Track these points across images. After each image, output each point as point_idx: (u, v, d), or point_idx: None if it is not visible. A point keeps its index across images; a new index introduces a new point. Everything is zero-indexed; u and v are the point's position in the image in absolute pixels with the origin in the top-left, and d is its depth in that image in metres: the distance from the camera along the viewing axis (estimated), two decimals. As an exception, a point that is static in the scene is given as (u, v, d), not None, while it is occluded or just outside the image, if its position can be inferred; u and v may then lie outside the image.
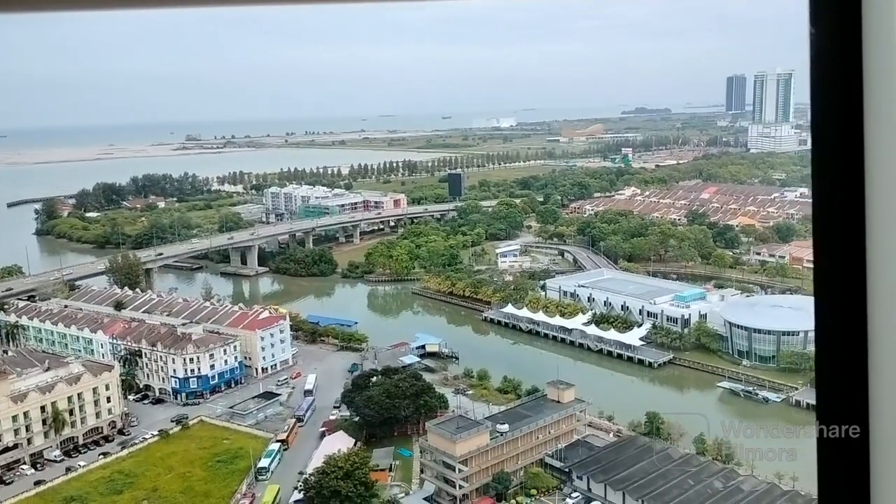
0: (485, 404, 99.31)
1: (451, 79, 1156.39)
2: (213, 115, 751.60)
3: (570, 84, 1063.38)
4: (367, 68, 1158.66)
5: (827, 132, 3.13)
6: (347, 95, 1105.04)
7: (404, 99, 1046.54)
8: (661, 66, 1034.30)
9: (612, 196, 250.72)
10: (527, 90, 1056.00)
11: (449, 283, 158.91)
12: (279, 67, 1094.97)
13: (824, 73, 3.09)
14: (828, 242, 3.21)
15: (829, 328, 3.30)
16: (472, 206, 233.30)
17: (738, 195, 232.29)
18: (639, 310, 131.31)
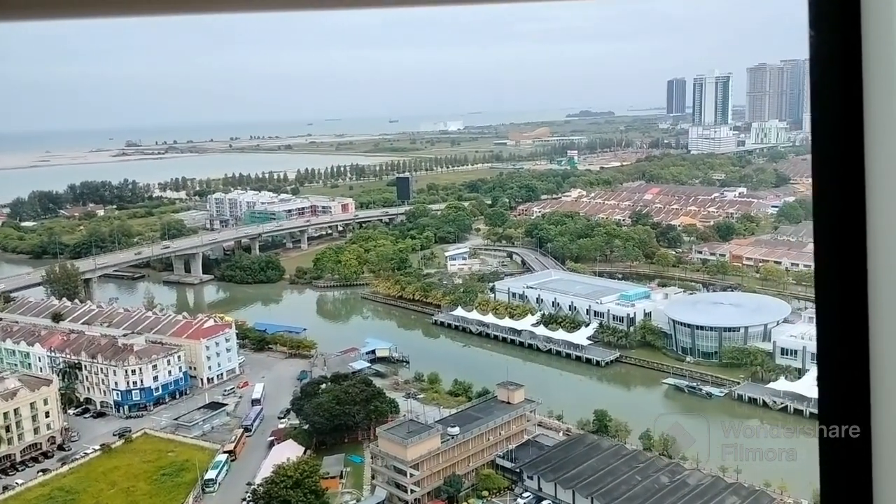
0: (436, 408, 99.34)
1: (399, 82, 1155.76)
2: (155, 121, 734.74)
3: (517, 87, 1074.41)
4: (313, 72, 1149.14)
5: (827, 134, 3.15)
6: (293, 99, 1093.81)
7: (351, 103, 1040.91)
8: (604, 70, 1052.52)
9: (559, 198, 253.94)
10: (474, 93, 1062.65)
11: (398, 287, 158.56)
12: (222, 71, 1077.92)
13: (824, 75, 3.10)
14: (828, 242, 3.22)
15: (829, 328, 3.31)
16: (421, 209, 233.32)
17: (680, 196, 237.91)
18: (586, 309, 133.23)
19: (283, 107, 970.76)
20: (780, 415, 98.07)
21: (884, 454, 3.19)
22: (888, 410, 3.11)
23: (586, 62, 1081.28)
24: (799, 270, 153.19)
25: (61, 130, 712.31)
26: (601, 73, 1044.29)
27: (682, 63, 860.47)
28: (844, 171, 3.08)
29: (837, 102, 3.06)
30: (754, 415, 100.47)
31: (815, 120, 3.16)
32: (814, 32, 3.05)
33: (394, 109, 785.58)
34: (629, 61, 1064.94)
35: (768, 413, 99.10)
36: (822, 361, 3.38)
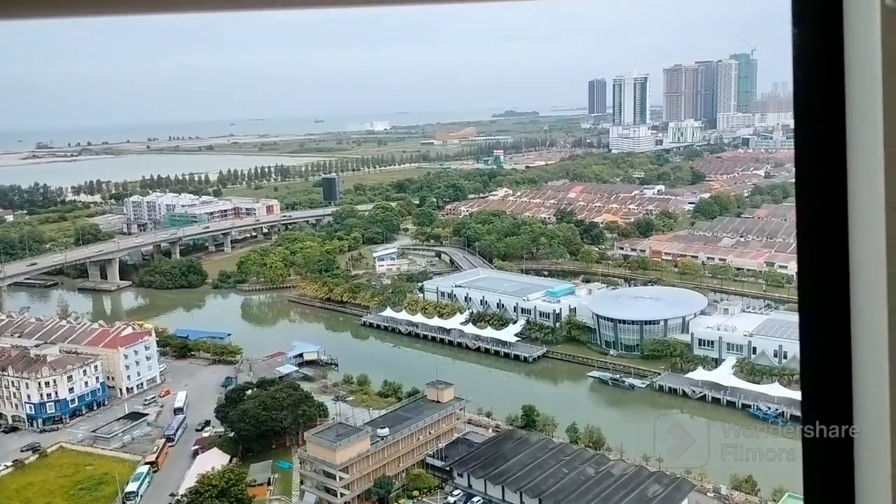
0: (365, 409, 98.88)
1: (324, 82, 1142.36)
2: (67, 122, 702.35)
3: (443, 87, 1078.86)
4: (235, 71, 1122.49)
5: (809, 130, 3.19)
6: (215, 99, 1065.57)
7: (275, 102, 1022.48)
8: (528, 70, 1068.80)
9: (486, 197, 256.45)
10: (400, 93, 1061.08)
11: (326, 289, 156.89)
12: (139, 71, 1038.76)
13: (806, 72, 3.13)
14: (810, 240, 3.24)
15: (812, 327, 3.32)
16: (348, 210, 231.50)
17: (602, 194, 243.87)
18: (513, 307, 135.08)
19: (205, 106, 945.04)
20: (698, 404, 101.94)
21: (866, 453, 3.21)
22: (871, 410, 3.13)
23: (510, 63, 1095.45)
24: (714, 264, 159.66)
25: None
26: (525, 74, 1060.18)
27: (602, 64, 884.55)
28: (827, 166, 3.12)
29: (820, 99, 3.10)
30: (675, 405, 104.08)
31: (797, 117, 3.22)
32: (796, 30, 3.10)
33: (319, 109, 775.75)
34: (552, 62, 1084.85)
35: (688, 402, 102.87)
36: (805, 361, 3.39)
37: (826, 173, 3.10)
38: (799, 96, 3.15)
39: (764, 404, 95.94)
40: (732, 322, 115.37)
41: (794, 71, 3.10)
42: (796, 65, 3.09)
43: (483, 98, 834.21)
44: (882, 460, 3.06)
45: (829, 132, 3.07)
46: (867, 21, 2.84)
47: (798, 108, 3.17)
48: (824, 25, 3.01)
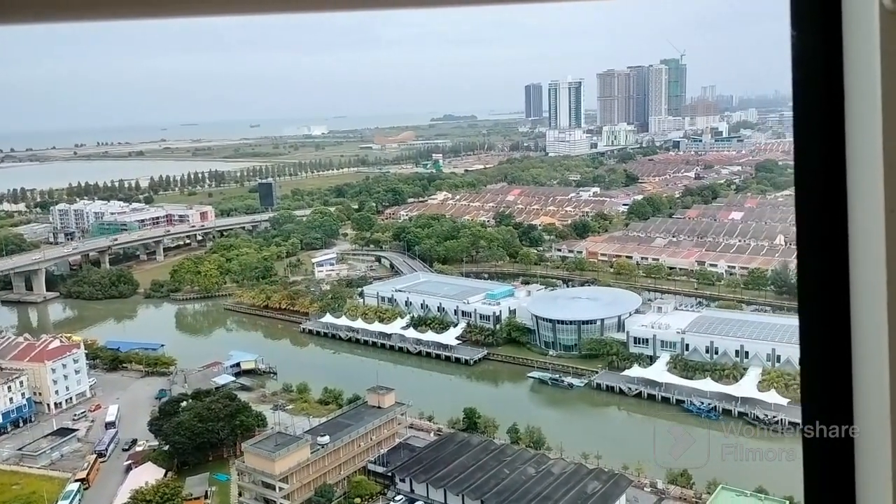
0: (305, 418, 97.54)
1: (260, 86, 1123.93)
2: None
3: (381, 91, 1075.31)
4: (166, 76, 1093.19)
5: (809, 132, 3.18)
6: (145, 104, 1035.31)
7: (209, 107, 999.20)
8: (466, 75, 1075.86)
9: (425, 201, 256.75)
10: (338, 98, 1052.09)
11: (264, 297, 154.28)
12: (66, 76, 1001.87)
13: (805, 74, 3.12)
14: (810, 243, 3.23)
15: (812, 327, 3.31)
16: (286, 215, 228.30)
17: (540, 196, 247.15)
18: (454, 310, 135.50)
19: (135, 111, 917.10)
20: (634, 400, 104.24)
21: (867, 454, 3.19)
22: (871, 410, 3.11)
23: (449, 67, 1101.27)
24: (648, 264, 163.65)
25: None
26: (463, 78, 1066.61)
27: (538, 69, 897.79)
28: (826, 168, 3.12)
29: (819, 101, 3.11)
30: (612, 402, 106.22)
31: (797, 119, 3.21)
32: (795, 32, 3.09)
33: (255, 113, 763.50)
34: (489, 67, 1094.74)
35: (624, 399, 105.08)
36: (805, 361, 3.38)
37: (825, 175, 3.11)
38: (798, 98, 3.15)
39: (697, 399, 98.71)
40: (666, 320, 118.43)
41: (792, 73, 3.11)
42: (795, 67, 3.10)
43: (422, 102, 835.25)
44: (883, 460, 3.05)
45: (829, 134, 3.09)
46: (866, 23, 2.83)
47: (797, 110, 3.18)
48: (823, 28, 3.01)
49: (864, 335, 3.09)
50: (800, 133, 3.19)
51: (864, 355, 3.12)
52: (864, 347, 3.11)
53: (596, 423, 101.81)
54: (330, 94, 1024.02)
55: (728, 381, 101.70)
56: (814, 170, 3.15)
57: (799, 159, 3.22)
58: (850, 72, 2.99)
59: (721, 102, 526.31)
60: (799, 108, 3.16)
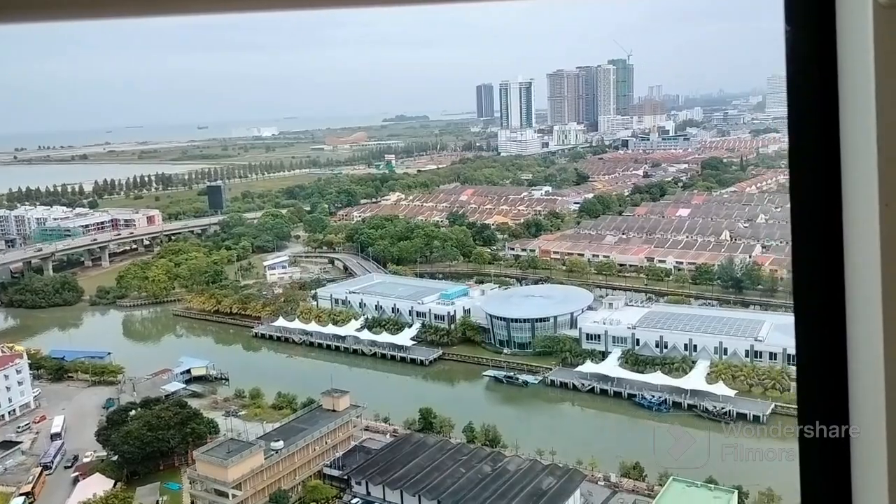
0: (259, 423, 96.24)
1: (207, 87, 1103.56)
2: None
3: (332, 92, 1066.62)
4: (111, 78, 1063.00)
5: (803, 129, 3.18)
6: (88, 107, 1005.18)
7: (155, 109, 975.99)
8: (418, 75, 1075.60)
9: (378, 202, 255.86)
10: (288, 98, 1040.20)
11: (214, 301, 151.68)
12: (2, 79, 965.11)
13: (799, 70, 3.13)
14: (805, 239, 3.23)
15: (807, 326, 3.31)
16: (236, 218, 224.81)
17: (493, 196, 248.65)
18: (408, 311, 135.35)
19: (78, 114, 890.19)
20: (588, 396, 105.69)
21: (863, 453, 3.19)
22: (868, 409, 3.10)
23: (401, 67, 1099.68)
24: (599, 261, 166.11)
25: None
26: (415, 79, 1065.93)
27: (489, 69, 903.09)
28: (821, 164, 3.14)
29: (813, 97, 3.11)
30: (566, 398, 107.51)
31: (791, 115, 3.22)
32: (789, 28, 3.10)
33: (202, 115, 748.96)
34: (441, 67, 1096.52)
35: (578, 395, 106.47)
36: (801, 360, 3.36)
37: (820, 171, 3.13)
38: (792, 94, 3.18)
39: (648, 393, 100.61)
40: (617, 316, 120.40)
41: (787, 69, 3.13)
42: (789, 63, 3.12)
43: (374, 103, 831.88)
44: (879, 460, 3.04)
45: (823, 130, 3.11)
46: (860, 18, 2.84)
47: (792, 105, 3.20)
48: (817, 23, 3.03)
49: (859, 333, 3.11)
50: (794, 128, 3.22)
51: (859, 354, 3.13)
52: (859, 346, 3.12)
53: (551, 419, 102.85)
54: (280, 94, 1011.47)
55: (677, 375, 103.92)
56: (809, 166, 3.19)
57: (794, 154, 3.24)
58: (844, 66, 3.01)
59: (667, 102, 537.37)
60: (793, 102, 3.19)
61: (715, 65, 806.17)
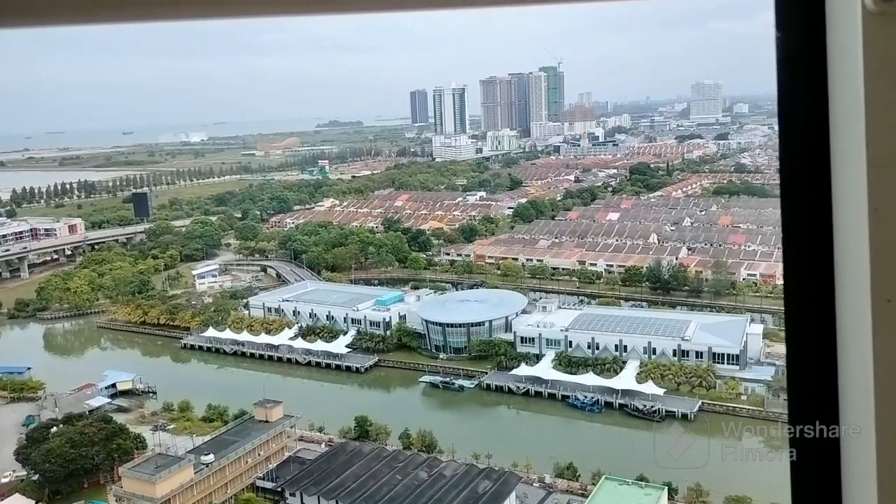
0: (188, 437, 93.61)
1: (132, 92, 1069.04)
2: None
3: (263, 97, 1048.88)
4: (27, 83, 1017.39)
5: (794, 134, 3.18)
6: (5, 112, 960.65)
7: (76, 114, 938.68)
8: (352, 81, 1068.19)
9: (312, 208, 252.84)
10: (217, 103, 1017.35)
11: (141, 312, 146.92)
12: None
13: (790, 76, 3.13)
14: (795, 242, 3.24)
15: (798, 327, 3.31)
16: (163, 226, 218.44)
17: (428, 201, 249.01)
18: (343, 318, 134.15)
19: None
20: (523, 398, 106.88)
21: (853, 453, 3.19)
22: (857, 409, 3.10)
23: (334, 73, 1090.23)
24: (533, 265, 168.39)
25: None
26: (349, 84, 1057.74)
27: (422, 75, 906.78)
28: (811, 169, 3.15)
29: (804, 103, 3.13)
30: (501, 401, 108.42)
31: (782, 120, 3.22)
32: (779, 33, 3.10)
33: (127, 121, 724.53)
34: (374, 73, 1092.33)
35: (513, 398, 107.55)
36: (791, 360, 3.35)
37: (810, 176, 3.16)
38: (783, 100, 3.19)
39: (581, 394, 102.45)
40: (550, 318, 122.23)
41: (777, 74, 3.14)
42: (780, 68, 3.14)
43: (306, 108, 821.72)
44: (868, 460, 3.05)
45: (814, 135, 3.13)
46: (849, 24, 2.86)
47: (782, 111, 3.21)
48: (807, 29, 3.04)
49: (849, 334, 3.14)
50: (785, 133, 3.26)
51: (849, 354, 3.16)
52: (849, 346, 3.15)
53: (486, 422, 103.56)
54: (208, 99, 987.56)
55: (609, 375, 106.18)
56: (799, 171, 3.23)
57: (784, 160, 3.28)
58: (834, 72, 3.05)
59: (597, 108, 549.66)
60: (784, 107, 3.22)
61: (641, 73, 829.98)
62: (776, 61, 3.14)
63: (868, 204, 2.91)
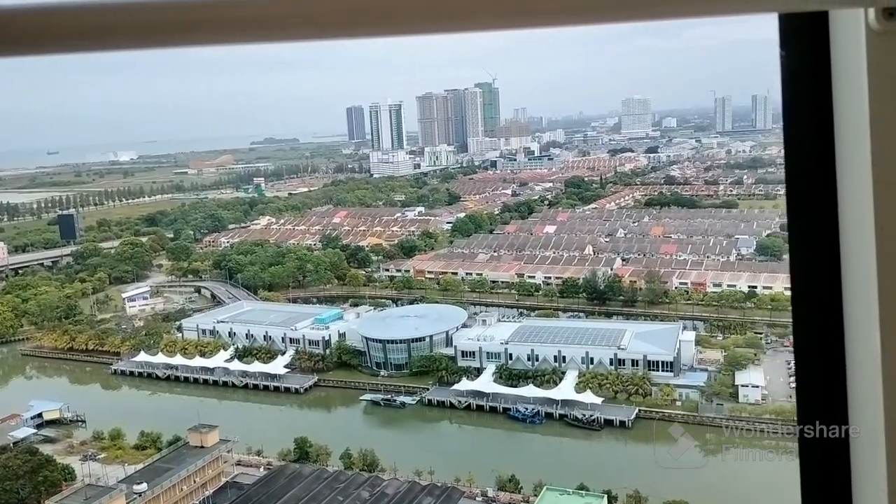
0: (120, 466, 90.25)
1: (59, 111, 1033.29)
2: None
3: (195, 115, 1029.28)
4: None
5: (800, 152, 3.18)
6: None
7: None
8: (287, 98, 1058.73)
9: (248, 226, 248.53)
10: (147, 122, 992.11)
11: (68, 338, 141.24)
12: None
13: (795, 94, 3.12)
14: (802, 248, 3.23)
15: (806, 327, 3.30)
16: (91, 248, 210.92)
17: (366, 217, 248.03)
18: (281, 338, 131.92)
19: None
20: (464, 412, 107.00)
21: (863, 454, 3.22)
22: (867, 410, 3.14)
23: (268, 90, 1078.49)
24: (472, 279, 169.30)
25: None
26: (283, 101, 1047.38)
27: (358, 91, 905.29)
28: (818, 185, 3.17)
29: (808, 120, 3.13)
30: (443, 416, 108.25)
31: (787, 137, 3.22)
32: (783, 52, 3.10)
33: (53, 140, 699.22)
34: (310, 90, 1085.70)
35: (455, 412, 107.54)
36: (800, 361, 3.39)
37: (817, 194, 3.19)
38: (788, 118, 3.21)
39: (522, 406, 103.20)
40: (490, 332, 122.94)
41: (782, 92, 3.16)
42: (784, 86, 3.15)
43: (240, 125, 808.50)
44: (878, 460, 3.08)
45: (819, 154, 3.16)
46: (853, 43, 2.88)
47: (787, 129, 3.23)
48: (811, 47, 3.07)
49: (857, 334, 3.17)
50: (790, 151, 3.28)
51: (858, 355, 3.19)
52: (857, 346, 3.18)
53: (429, 438, 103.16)
54: (138, 118, 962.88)
55: (549, 386, 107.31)
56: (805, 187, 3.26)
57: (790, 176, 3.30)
58: (838, 91, 3.07)
59: (532, 124, 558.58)
60: (788, 126, 3.25)
61: (573, 89, 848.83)
62: (781, 80, 3.18)
63: (874, 222, 2.94)
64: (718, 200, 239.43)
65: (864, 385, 3.16)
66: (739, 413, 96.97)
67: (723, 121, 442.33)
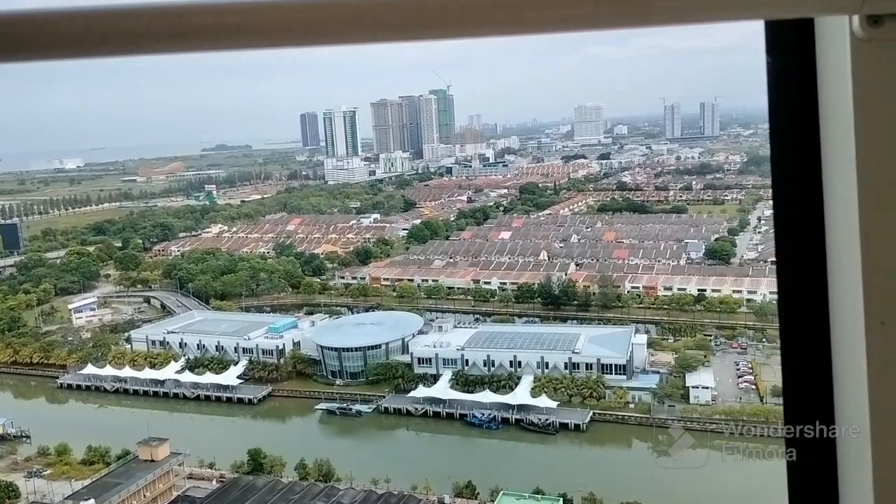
0: (66, 482, 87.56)
1: (1, 117, 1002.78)
2: None
3: (143, 122, 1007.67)
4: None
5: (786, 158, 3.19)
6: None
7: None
8: (238, 104, 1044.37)
9: (199, 235, 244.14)
10: (94, 129, 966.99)
11: (11, 352, 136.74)
12: None
13: (781, 100, 3.15)
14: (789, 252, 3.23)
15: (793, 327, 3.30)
16: (35, 259, 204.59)
17: (321, 225, 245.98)
18: (234, 348, 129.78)
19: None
20: (421, 420, 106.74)
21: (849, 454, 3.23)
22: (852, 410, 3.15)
23: (218, 95, 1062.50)
24: (428, 285, 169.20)
25: None
26: (236, 108, 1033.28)
27: (312, 98, 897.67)
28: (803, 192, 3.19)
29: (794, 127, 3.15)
30: (400, 424, 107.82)
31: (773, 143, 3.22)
32: (770, 58, 3.12)
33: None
34: (262, 96, 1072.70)
35: (412, 420, 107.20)
36: (786, 362, 3.38)
37: (803, 199, 3.22)
38: (774, 123, 3.23)
39: (478, 411, 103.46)
40: (446, 338, 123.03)
41: (768, 99, 3.18)
42: (771, 93, 3.18)
43: (191, 132, 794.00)
44: (864, 460, 3.10)
45: (805, 160, 3.18)
46: (838, 50, 2.91)
47: (774, 135, 3.25)
48: (797, 54, 3.09)
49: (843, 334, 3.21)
50: (776, 156, 3.30)
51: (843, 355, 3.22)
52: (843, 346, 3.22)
53: (385, 446, 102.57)
54: (85, 125, 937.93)
55: (504, 391, 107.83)
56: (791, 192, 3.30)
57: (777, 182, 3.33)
58: (823, 97, 3.11)
59: (487, 130, 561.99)
60: (775, 132, 3.28)
61: (527, 96, 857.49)
62: (767, 86, 3.23)
63: (860, 226, 2.97)
64: (668, 206, 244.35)
65: (851, 386, 3.21)
66: (690, 414, 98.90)
67: (672, 128, 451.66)
